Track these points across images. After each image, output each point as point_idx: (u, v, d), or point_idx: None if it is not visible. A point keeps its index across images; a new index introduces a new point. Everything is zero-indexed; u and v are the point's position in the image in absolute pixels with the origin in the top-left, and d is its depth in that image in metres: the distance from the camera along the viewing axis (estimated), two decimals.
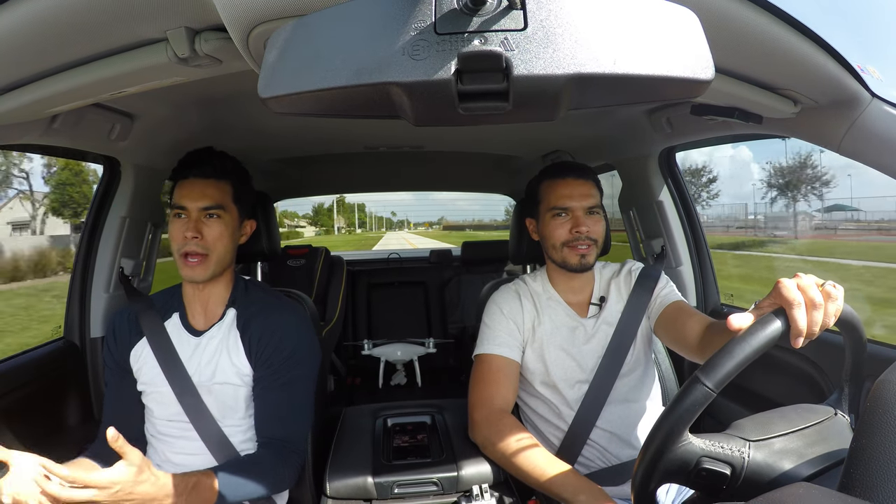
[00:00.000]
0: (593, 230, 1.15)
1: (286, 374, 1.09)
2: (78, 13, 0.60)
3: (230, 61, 0.70)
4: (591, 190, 1.17)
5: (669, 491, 1.08)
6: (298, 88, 0.41)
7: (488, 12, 0.39)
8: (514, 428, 1.03)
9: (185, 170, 1.09)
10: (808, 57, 0.75)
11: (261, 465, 1.01)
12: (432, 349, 2.76)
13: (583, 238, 1.14)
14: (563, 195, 1.16)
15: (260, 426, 1.10)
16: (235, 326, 1.12)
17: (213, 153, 1.12)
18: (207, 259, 1.06)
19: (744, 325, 0.63)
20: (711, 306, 1.64)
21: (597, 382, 1.14)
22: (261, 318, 1.12)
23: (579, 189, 1.16)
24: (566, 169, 1.19)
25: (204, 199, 1.06)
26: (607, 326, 1.19)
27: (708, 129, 1.32)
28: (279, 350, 1.09)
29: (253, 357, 1.09)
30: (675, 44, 0.41)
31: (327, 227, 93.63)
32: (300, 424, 1.12)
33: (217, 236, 1.07)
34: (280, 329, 1.11)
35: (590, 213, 1.16)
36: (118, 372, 1.13)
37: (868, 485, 0.43)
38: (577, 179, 1.17)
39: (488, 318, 1.19)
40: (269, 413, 1.09)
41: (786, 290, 0.61)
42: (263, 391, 1.09)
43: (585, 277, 1.22)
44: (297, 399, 1.11)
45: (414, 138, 1.81)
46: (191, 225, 1.05)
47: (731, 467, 0.60)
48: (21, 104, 0.81)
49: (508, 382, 1.13)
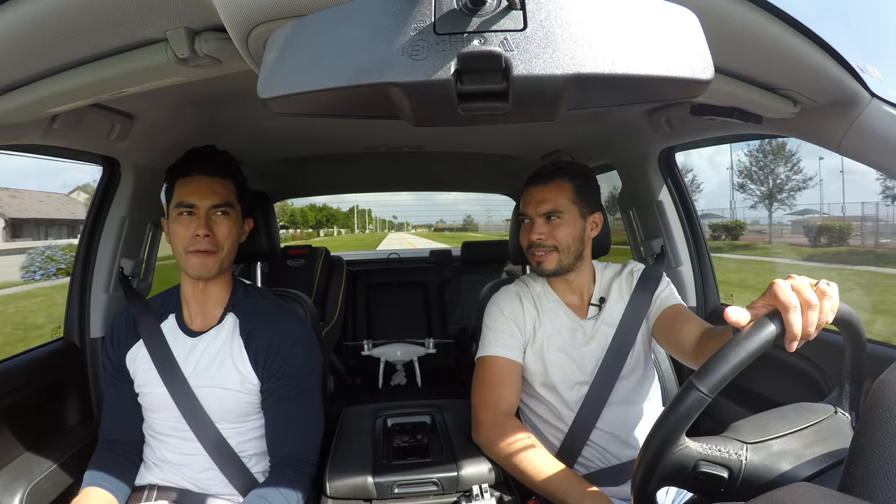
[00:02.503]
0: (550, 236, 1.14)
1: (296, 387, 1.09)
2: (78, 13, 0.60)
3: (230, 61, 0.69)
4: (552, 194, 1.15)
5: (669, 492, 1.08)
6: (298, 88, 0.41)
7: (488, 12, 0.39)
8: (518, 431, 1.03)
9: (188, 167, 1.07)
10: (808, 57, 0.75)
11: (278, 492, 1.01)
12: (432, 349, 2.76)
13: (535, 244, 1.15)
14: (525, 202, 1.19)
15: (272, 441, 1.09)
16: (239, 334, 1.11)
17: (217, 151, 1.12)
18: (216, 255, 1.06)
19: (740, 318, 0.62)
20: (711, 306, 1.64)
21: (597, 384, 1.14)
22: (266, 328, 1.11)
23: (537, 195, 1.16)
24: (535, 175, 1.20)
25: (213, 197, 1.06)
26: (607, 327, 1.18)
27: (708, 129, 1.32)
28: (288, 364, 1.09)
29: (260, 369, 1.09)
30: (675, 44, 0.41)
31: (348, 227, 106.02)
32: (312, 434, 1.12)
33: (227, 234, 1.07)
34: (287, 341, 1.10)
35: (548, 219, 1.15)
36: (115, 374, 1.13)
37: (868, 484, 0.43)
38: (537, 185, 1.17)
39: (489, 320, 1.19)
40: (280, 427, 1.09)
41: (780, 292, 0.60)
42: (274, 404, 1.09)
43: (584, 278, 1.22)
44: (308, 409, 1.11)
45: (413, 138, 1.81)
46: (201, 223, 1.04)
47: (728, 470, 0.60)
48: (21, 104, 0.80)
49: (512, 384, 1.13)
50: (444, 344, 2.89)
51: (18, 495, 1.08)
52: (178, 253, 1.06)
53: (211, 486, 1.10)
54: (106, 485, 1.04)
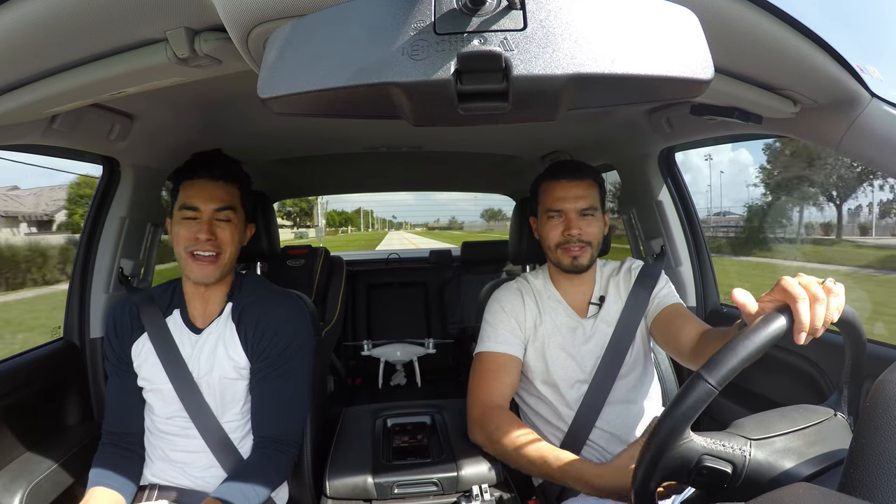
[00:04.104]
0: (586, 232, 1.14)
1: (282, 366, 1.10)
2: (78, 13, 0.60)
3: (230, 61, 0.69)
4: (586, 191, 1.16)
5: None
6: (298, 89, 0.41)
7: (488, 12, 0.39)
8: (511, 423, 1.03)
9: (193, 171, 1.08)
10: (808, 57, 0.75)
11: (261, 473, 1.03)
12: (432, 349, 2.76)
13: (574, 241, 1.14)
14: (557, 197, 1.16)
15: (256, 421, 1.10)
16: (231, 319, 1.12)
17: (223, 156, 1.13)
18: (218, 259, 1.07)
19: (747, 301, 0.64)
20: (711, 306, 1.64)
21: (596, 383, 1.14)
22: (256, 309, 1.12)
23: (573, 191, 1.15)
24: (563, 170, 1.19)
25: (217, 201, 1.07)
26: (605, 326, 1.18)
27: (708, 129, 1.32)
28: (275, 341, 1.09)
29: (249, 349, 1.09)
30: (675, 44, 0.41)
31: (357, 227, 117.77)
32: (296, 416, 1.12)
33: (229, 238, 1.08)
34: (275, 320, 1.11)
35: (583, 215, 1.15)
36: (119, 365, 1.13)
37: (868, 485, 0.43)
38: (572, 181, 1.16)
39: (490, 316, 1.19)
40: (265, 406, 1.09)
41: (789, 285, 0.61)
42: (260, 383, 1.09)
43: (586, 277, 1.22)
44: (294, 390, 1.11)
45: (413, 138, 1.81)
46: (204, 227, 1.05)
47: (732, 466, 0.60)
48: (21, 104, 0.81)
49: (506, 378, 1.13)
50: (444, 344, 2.88)
51: (18, 495, 1.08)
52: (180, 254, 1.07)
53: (212, 484, 1.09)
54: (112, 484, 1.04)
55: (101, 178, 1.42)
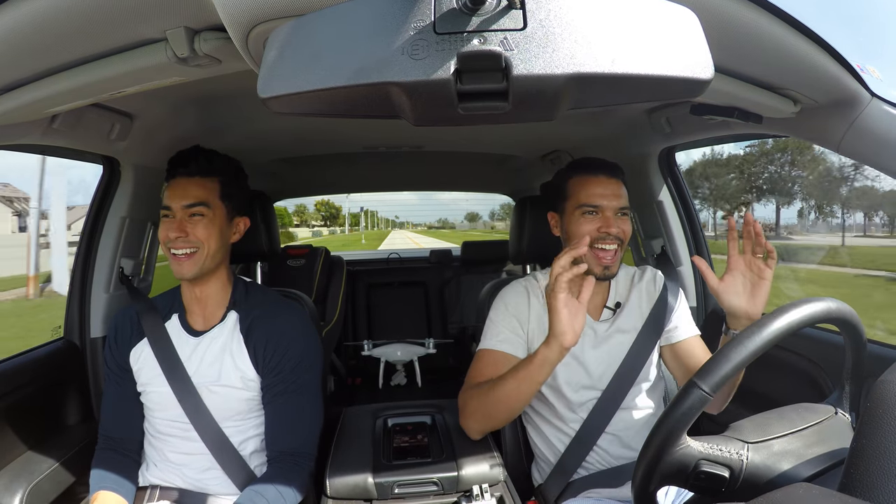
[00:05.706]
0: (623, 230, 1.11)
1: (295, 381, 1.09)
2: (78, 13, 0.60)
3: (230, 61, 0.69)
4: (622, 190, 1.12)
5: (669, 492, 1.07)
6: (298, 88, 0.41)
7: (488, 12, 0.39)
8: (480, 385, 1.05)
9: (173, 170, 1.09)
10: (808, 57, 0.75)
11: (278, 487, 1.01)
12: (432, 349, 2.76)
13: (611, 237, 1.09)
14: (594, 193, 1.10)
15: (271, 437, 1.09)
16: (239, 330, 1.11)
17: (200, 151, 1.11)
18: (196, 255, 1.06)
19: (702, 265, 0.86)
20: (711, 306, 1.64)
21: (610, 392, 1.12)
22: (265, 323, 1.11)
23: (612, 188, 1.11)
24: (598, 166, 1.14)
25: (188, 198, 1.06)
26: (621, 334, 1.16)
27: (708, 128, 1.32)
28: (287, 358, 1.09)
29: (259, 364, 1.09)
30: (675, 43, 0.41)
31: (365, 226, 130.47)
32: (310, 430, 1.12)
33: (204, 233, 1.07)
34: (286, 335, 1.10)
35: (620, 214, 1.11)
36: (118, 372, 1.13)
37: (869, 485, 0.43)
38: (610, 178, 1.12)
39: (493, 314, 1.18)
40: (280, 422, 1.09)
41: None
42: (274, 398, 1.09)
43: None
44: (307, 404, 1.11)
45: (413, 138, 1.81)
46: (174, 224, 1.05)
47: (729, 470, 0.60)
48: (21, 104, 0.81)
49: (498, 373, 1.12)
50: (444, 344, 2.88)
51: (19, 495, 1.08)
52: (166, 254, 1.09)
53: (212, 485, 1.10)
54: (116, 488, 1.04)
55: (101, 177, 1.42)
